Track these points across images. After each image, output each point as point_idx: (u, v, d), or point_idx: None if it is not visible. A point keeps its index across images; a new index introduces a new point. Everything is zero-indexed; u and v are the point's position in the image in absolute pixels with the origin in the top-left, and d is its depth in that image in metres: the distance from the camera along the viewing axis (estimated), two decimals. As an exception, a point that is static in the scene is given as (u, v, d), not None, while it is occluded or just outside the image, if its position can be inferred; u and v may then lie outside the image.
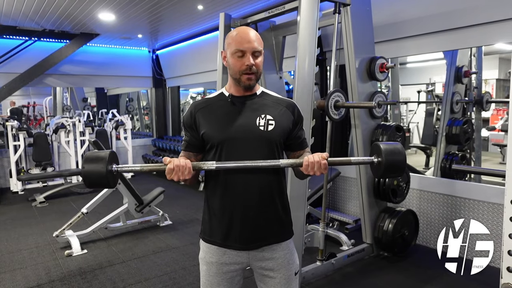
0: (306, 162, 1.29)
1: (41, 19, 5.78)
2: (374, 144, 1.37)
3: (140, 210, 4.19)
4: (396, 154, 1.31)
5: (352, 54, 3.19)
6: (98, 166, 1.26)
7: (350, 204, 4.55)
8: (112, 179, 1.30)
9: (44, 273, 3.25)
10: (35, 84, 7.15)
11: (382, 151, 1.31)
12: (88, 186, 1.31)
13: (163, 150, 8.01)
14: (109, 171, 1.28)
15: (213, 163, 1.31)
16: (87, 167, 1.27)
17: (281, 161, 1.33)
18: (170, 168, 1.26)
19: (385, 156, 1.30)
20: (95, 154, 1.31)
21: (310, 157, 1.30)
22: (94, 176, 1.27)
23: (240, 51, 1.37)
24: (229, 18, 3.84)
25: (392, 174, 1.39)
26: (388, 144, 1.35)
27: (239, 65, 1.38)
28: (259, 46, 1.40)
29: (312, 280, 3.03)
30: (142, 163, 8.29)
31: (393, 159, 1.31)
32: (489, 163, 7.57)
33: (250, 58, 1.37)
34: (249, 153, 1.40)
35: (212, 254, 1.47)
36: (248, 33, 1.39)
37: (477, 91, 4.59)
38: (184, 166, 1.27)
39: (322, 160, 1.29)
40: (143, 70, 8.43)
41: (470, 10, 3.29)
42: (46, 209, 5.32)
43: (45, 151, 6.63)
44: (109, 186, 1.31)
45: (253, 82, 1.42)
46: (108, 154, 1.29)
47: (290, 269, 1.50)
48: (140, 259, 3.53)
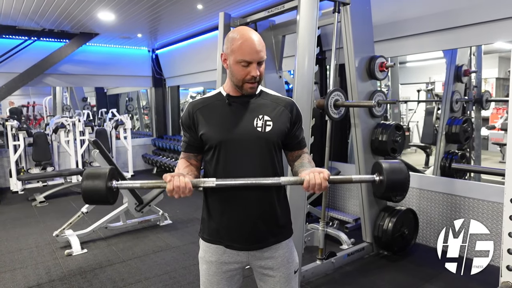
0: (307, 184, 1.27)
1: (41, 19, 5.77)
2: (376, 163, 1.34)
3: (140, 209, 4.19)
4: (398, 173, 1.28)
5: (351, 53, 3.19)
6: (98, 184, 1.25)
7: (350, 203, 4.56)
8: (111, 196, 1.29)
9: (44, 273, 3.25)
10: (34, 83, 7.12)
11: (384, 170, 1.28)
12: (87, 203, 1.30)
13: (163, 150, 8.01)
14: (109, 188, 1.27)
15: (213, 181, 1.30)
16: (86, 184, 1.25)
17: (281, 178, 1.31)
18: (170, 189, 1.25)
19: (386, 175, 1.27)
20: (95, 170, 1.29)
21: (311, 177, 1.27)
22: (93, 194, 1.25)
23: (245, 62, 1.34)
24: (229, 17, 3.83)
25: (394, 193, 1.36)
26: (390, 163, 1.31)
27: (243, 74, 1.36)
28: (264, 54, 1.38)
29: (312, 279, 3.03)
30: (142, 162, 8.31)
31: (395, 178, 1.28)
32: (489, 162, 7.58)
33: (256, 68, 1.35)
34: (247, 154, 1.40)
35: (211, 253, 1.47)
36: (254, 41, 1.34)
37: (476, 90, 4.59)
38: (184, 187, 1.26)
39: (324, 181, 1.26)
40: (142, 69, 8.41)
41: (470, 9, 3.28)
42: (46, 209, 5.33)
43: (45, 151, 6.63)
44: (108, 203, 1.30)
45: (255, 90, 1.42)
46: (108, 171, 1.28)
47: (290, 268, 1.50)
48: (140, 258, 3.53)
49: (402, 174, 1.29)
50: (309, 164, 1.46)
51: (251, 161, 1.41)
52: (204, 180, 1.31)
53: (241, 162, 1.40)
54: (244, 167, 1.40)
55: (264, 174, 1.40)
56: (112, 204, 1.31)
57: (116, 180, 1.32)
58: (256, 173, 1.39)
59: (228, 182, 1.31)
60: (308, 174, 1.28)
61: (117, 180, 1.32)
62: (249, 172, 1.38)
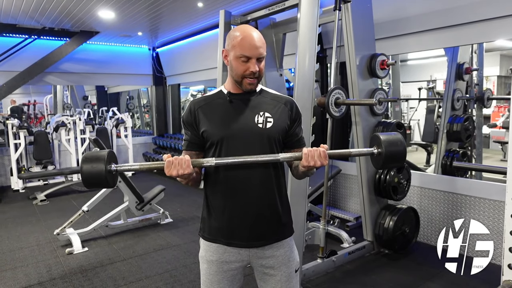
0: (306, 157, 1.28)
1: (41, 17, 5.77)
2: (374, 135, 1.37)
3: (141, 208, 4.19)
4: (396, 145, 1.30)
5: (352, 51, 3.18)
6: (97, 166, 1.25)
7: (350, 202, 4.55)
8: (111, 179, 1.29)
9: (45, 271, 3.26)
10: (35, 82, 7.13)
11: (382, 142, 1.31)
12: (87, 186, 1.30)
13: (163, 148, 8.01)
14: (108, 171, 1.27)
15: (212, 159, 1.30)
16: (86, 167, 1.25)
17: (280, 155, 1.32)
18: (169, 161, 1.25)
19: (385, 147, 1.30)
20: (94, 154, 1.29)
21: (310, 150, 1.29)
22: (93, 176, 1.25)
23: (245, 57, 1.36)
24: (229, 15, 3.83)
25: (392, 165, 1.38)
26: (388, 135, 1.34)
27: (242, 69, 1.38)
28: (264, 51, 1.39)
29: (312, 278, 3.03)
30: (143, 161, 8.31)
31: (393, 149, 1.30)
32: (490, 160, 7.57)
33: (255, 64, 1.37)
34: (249, 150, 1.40)
35: (212, 253, 1.47)
36: (253, 37, 1.37)
37: (478, 88, 4.57)
38: (182, 159, 1.26)
39: (323, 153, 1.28)
40: (143, 68, 8.41)
41: (471, 6, 3.27)
42: (47, 207, 5.33)
43: (45, 149, 6.63)
44: (108, 186, 1.30)
45: (255, 87, 1.43)
46: (107, 154, 1.28)
47: (291, 267, 1.50)
48: (141, 257, 3.53)
49: (400, 146, 1.32)
50: None
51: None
52: (204, 159, 1.32)
53: None
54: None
55: (265, 170, 1.41)
56: (112, 187, 1.30)
57: (115, 163, 1.32)
58: (257, 170, 1.40)
59: (227, 161, 1.31)
60: (307, 149, 1.30)
61: (116, 163, 1.32)
62: (249, 169, 1.39)
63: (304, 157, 1.28)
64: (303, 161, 1.29)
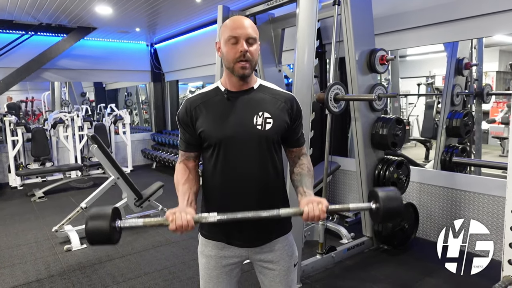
0: (306, 216, 1.28)
1: (38, 13, 5.72)
2: (372, 190, 1.39)
3: (140, 204, 4.18)
4: (393, 200, 1.33)
5: (352, 46, 3.16)
6: (102, 224, 1.25)
7: (349, 197, 4.54)
8: (115, 236, 1.29)
9: (44, 268, 3.25)
10: (32, 78, 7.09)
11: (380, 198, 1.33)
12: (92, 244, 1.31)
13: (162, 145, 7.99)
14: (113, 228, 1.27)
15: (215, 215, 1.29)
16: (91, 225, 1.25)
17: (281, 210, 1.31)
18: (173, 228, 1.26)
19: (382, 203, 1.32)
20: (98, 212, 1.29)
21: (310, 209, 1.27)
22: (97, 234, 1.26)
23: (233, 38, 1.32)
24: (228, 10, 3.79)
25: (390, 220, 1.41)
26: (385, 191, 1.36)
27: (232, 52, 1.33)
28: (253, 33, 1.34)
29: (312, 274, 3.02)
30: (142, 157, 8.29)
31: (390, 205, 1.33)
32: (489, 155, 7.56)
33: (244, 44, 1.32)
34: (247, 153, 1.38)
35: (211, 248, 1.47)
36: (241, 20, 1.35)
37: (477, 83, 4.56)
38: (186, 225, 1.26)
39: (322, 214, 1.28)
40: (141, 64, 8.36)
41: (472, 0, 3.25)
42: (45, 204, 5.32)
43: (43, 146, 6.60)
44: (112, 243, 1.29)
45: (248, 72, 1.35)
46: (111, 211, 1.28)
47: (290, 261, 1.50)
48: (139, 254, 3.52)
49: (397, 201, 1.34)
50: (308, 176, 1.46)
51: (251, 161, 1.39)
52: (206, 216, 1.31)
53: (241, 161, 1.39)
54: (243, 166, 1.39)
55: (264, 173, 1.39)
56: (116, 244, 1.31)
57: (119, 218, 1.32)
58: (256, 173, 1.38)
59: (231, 217, 1.30)
60: (307, 205, 1.29)
61: (120, 219, 1.32)
62: (248, 171, 1.38)
63: (304, 217, 1.28)
64: (303, 219, 1.29)
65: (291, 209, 1.32)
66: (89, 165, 6.66)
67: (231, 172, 1.38)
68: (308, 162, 1.50)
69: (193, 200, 1.40)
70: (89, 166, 6.66)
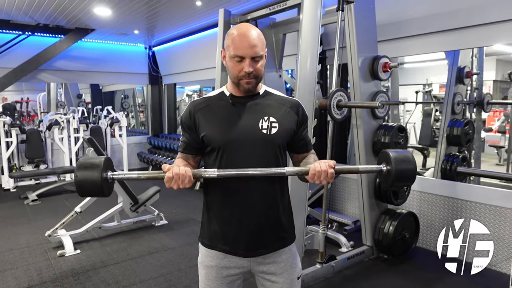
0: (313, 171, 1.23)
1: (35, 13, 5.66)
2: (383, 152, 1.31)
3: (135, 209, 4.11)
4: (407, 162, 1.26)
5: (355, 52, 3.12)
6: (93, 174, 1.17)
7: (348, 205, 4.50)
8: (107, 188, 1.22)
9: (36, 274, 3.16)
10: (28, 79, 7.01)
11: (392, 159, 1.25)
12: (81, 195, 1.22)
13: (158, 148, 7.91)
14: (104, 179, 1.20)
15: (214, 171, 1.23)
16: (81, 175, 1.17)
17: (286, 169, 1.26)
18: (169, 176, 1.19)
19: (395, 165, 1.24)
20: (89, 160, 1.22)
21: (317, 165, 1.23)
22: (88, 185, 1.18)
23: (238, 57, 1.28)
24: (229, 14, 3.76)
25: (402, 183, 1.33)
26: (398, 152, 1.29)
27: (237, 70, 1.30)
28: (261, 50, 1.29)
29: (311, 283, 2.97)
30: (137, 161, 8.21)
31: (403, 167, 1.25)
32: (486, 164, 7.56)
33: (248, 64, 1.28)
34: (252, 157, 1.34)
35: (211, 258, 1.42)
36: (248, 35, 1.27)
37: (477, 92, 4.55)
38: (184, 175, 1.19)
39: (329, 168, 1.23)
40: (139, 66, 8.31)
41: (475, 9, 3.24)
42: (38, 208, 5.22)
43: (38, 148, 6.50)
44: (103, 195, 1.22)
45: (253, 86, 1.34)
46: (103, 161, 1.21)
47: (293, 273, 1.45)
48: (134, 260, 3.44)
49: (411, 164, 1.27)
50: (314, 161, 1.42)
51: (255, 166, 1.34)
52: (206, 170, 1.25)
53: (245, 166, 1.34)
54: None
55: (269, 177, 1.35)
56: (107, 196, 1.24)
57: (112, 171, 1.25)
58: (261, 177, 1.33)
59: (230, 173, 1.24)
60: (313, 164, 1.25)
61: (112, 171, 1.25)
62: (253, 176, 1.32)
63: (311, 175, 1.24)
64: (309, 178, 1.25)
65: (297, 168, 1.28)
66: (84, 168, 6.56)
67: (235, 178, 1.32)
68: (314, 158, 1.48)
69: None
70: (84, 169, 6.56)
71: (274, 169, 1.27)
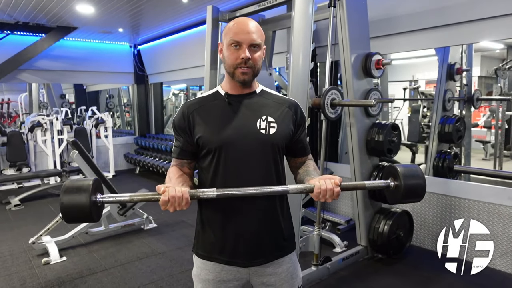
0: (318, 189, 1.15)
1: (14, 11, 5.45)
2: (390, 166, 1.25)
3: (123, 213, 3.98)
4: (416, 178, 1.19)
5: (347, 49, 3.06)
6: (81, 199, 1.06)
7: (341, 204, 4.46)
8: (96, 212, 1.11)
9: (19, 284, 3.01)
10: (8, 80, 6.79)
11: (400, 174, 1.18)
12: (68, 221, 1.10)
13: (146, 149, 7.76)
14: (93, 203, 1.09)
15: (213, 191, 1.14)
16: (67, 200, 1.06)
17: (289, 187, 1.18)
18: (165, 199, 1.10)
19: (403, 180, 1.17)
20: (76, 184, 1.10)
21: (322, 183, 1.15)
22: (75, 210, 1.07)
23: (236, 42, 1.23)
24: (217, 11, 3.67)
25: (411, 200, 1.25)
26: (406, 167, 1.22)
27: (233, 57, 1.25)
28: (258, 38, 1.26)
29: (307, 286, 2.91)
30: (124, 162, 8.04)
31: (412, 183, 1.18)
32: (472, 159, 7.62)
33: (246, 50, 1.23)
34: (250, 158, 1.27)
35: (208, 271, 1.34)
36: (247, 23, 1.26)
37: (467, 88, 4.56)
38: (180, 197, 1.10)
39: (336, 187, 1.15)
40: (124, 65, 8.12)
41: (464, 6, 3.21)
42: (21, 213, 5.03)
43: (20, 151, 6.29)
44: (92, 220, 1.11)
45: (248, 78, 1.27)
46: (91, 184, 1.10)
47: (294, 284, 1.40)
48: (123, 266, 3.33)
49: (420, 179, 1.20)
50: (315, 171, 1.36)
51: (253, 168, 1.28)
52: (203, 190, 1.16)
53: (243, 168, 1.27)
54: (246, 174, 1.27)
55: (267, 182, 1.27)
56: (96, 222, 1.13)
57: (101, 193, 1.14)
58: (259, 181, 1.25)
59: (231, 192, 1.16)
60: (318, 181, 1.17)
61: (101, 193, 1.14)
62: (251, 179, 1.25)
63: (315, 194, 1.16)
64: (314, 197, 1.17)
65: (301, 185, 1.21)
66: (69, 171, 6.37)
67: (232, 182, 1.25)
68: (314, 165, 1.42)
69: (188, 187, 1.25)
70: (69, 172, 6.36)
71: (276, 187, 1.20)
